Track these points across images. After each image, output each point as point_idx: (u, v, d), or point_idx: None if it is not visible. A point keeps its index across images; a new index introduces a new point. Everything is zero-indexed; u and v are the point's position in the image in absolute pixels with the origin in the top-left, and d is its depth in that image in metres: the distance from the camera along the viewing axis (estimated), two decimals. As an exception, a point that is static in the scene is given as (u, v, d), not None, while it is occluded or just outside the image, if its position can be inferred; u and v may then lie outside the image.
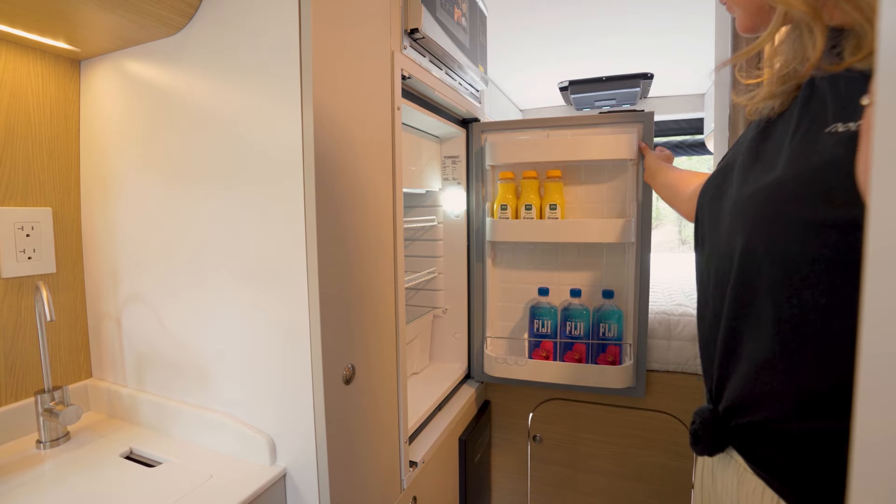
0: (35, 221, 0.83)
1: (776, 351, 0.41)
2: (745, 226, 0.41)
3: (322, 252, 0.68)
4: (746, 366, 0.44)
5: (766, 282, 0.40)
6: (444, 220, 1.41)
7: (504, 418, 1.47)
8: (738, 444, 0.46)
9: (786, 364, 0.40)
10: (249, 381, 0.75)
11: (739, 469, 0.46)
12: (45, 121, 0.84)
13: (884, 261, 0.19)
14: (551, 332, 1.28)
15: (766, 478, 0.43)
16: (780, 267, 0.38)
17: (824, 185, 0.34)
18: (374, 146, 0.81)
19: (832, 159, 0.34)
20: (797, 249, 0.37)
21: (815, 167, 0.36)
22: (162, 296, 0.83)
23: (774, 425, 0.42)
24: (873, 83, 0.24)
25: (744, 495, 0.45)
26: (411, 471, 0.95)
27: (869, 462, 0.20)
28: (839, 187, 0.33)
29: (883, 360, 0.19)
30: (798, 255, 0.37)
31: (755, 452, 0.44)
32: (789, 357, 0.40)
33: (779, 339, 0.40)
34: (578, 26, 1.80)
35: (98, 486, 0.68)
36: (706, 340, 0.50)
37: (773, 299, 0.40)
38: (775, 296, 0.40)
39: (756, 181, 0.42)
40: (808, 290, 0.37)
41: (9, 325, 0.80)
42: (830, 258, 0.35)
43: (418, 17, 0.91)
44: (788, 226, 0.37)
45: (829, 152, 0.35)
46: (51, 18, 0.71)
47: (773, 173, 0.40)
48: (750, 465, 0.45)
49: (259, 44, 0.68)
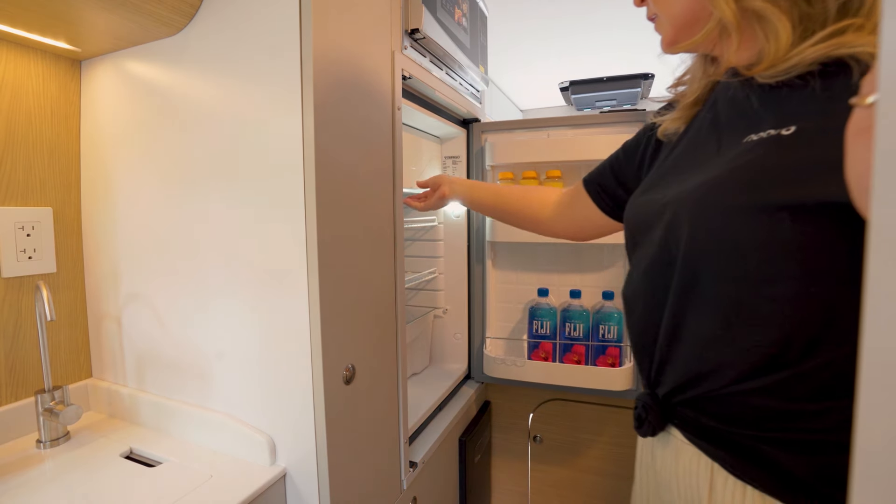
0: (36, 221, 0.83)
1: (718, 326, 0.45)
2: (689, 218, 0.46)
3: (322, 252, 0.68)
4: (689, 346, 0.48)
5: (709, 264, 0.45)
6: (444, 220, 1.41)
7: (504, 419, 1.47)
8: (677, 420, 0.51)
9: (727, 337, 0.45)
10: (250, 380, 0.75)
11: (677, 444, 0.51)
12: (45, 121, 0.84)
13: (885, 262, 0.19)
14: (550, 334, 1.28)
15: (703, 444, 0.48)
16: (719, 246, 0.43)
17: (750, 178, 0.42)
18: (375, 146, 0.81)
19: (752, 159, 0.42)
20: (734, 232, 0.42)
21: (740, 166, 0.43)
22: (162, 295, 0.83)
23: (713, 394, 0.47)
24: (865, 86, 0.24)
25: (681, 466, 0.50)
26: (411, 471, 0.95)
27: (870, 463, 0.20)
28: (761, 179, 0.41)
29: (883, 359, 0.19)
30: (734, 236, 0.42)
31: (694, 424, 0.49)
32: (730, 329, 0.44)
33: (721, 315, 0.45)
34: (579, 26, 1.80)
35: (98, 486, 0.68)
36: (640, 331, 0.55)
37: (714, 279, 0.45)
38: (717, 276, 0.44)
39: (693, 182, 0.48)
40: (744, 266, 0.42)
41: (9, 324, 0.80)
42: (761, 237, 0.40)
43: (419, 18, 0.91)
44: (725, 213, 0.43)
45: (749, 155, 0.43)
46: (52, 18, 0.71)
47: (708, 175, 0.46)
48: (688, 437, 0.50)
49: (260, 43, 0.68)
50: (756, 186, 0.41)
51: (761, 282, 0.42)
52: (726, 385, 0.45)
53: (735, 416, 0.46)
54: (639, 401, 0.56)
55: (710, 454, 0.47)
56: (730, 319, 0.44)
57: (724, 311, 0.45)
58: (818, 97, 0.40)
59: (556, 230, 0.88)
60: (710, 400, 0.48)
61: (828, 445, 0.41)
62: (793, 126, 0.41)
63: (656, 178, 0.57)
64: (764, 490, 0.43)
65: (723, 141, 0.48)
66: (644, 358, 0.55)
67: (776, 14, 0.41)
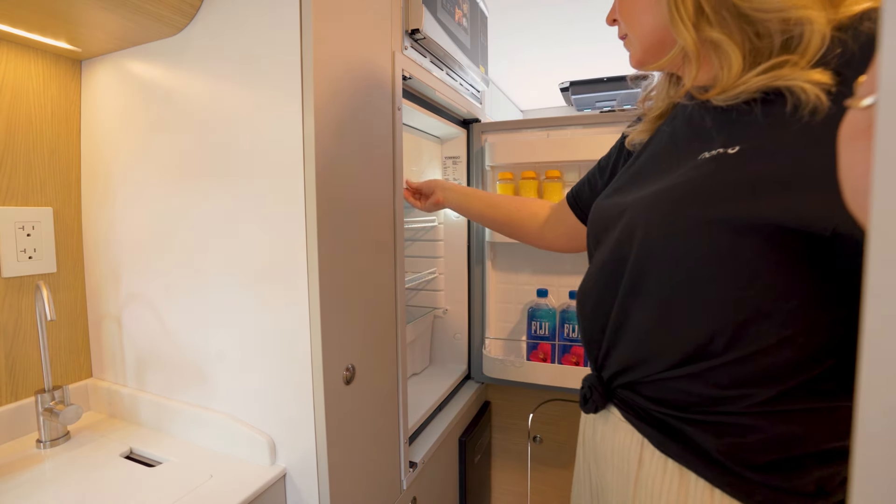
0: (36, 221, 0.83)
1: (657, 319, 0.51)
2: (642, 221, 0.51)
3: (323, 252, 0.68)
4: (631, 336, 0.54)
5: (654, 265, 0.50)
6: (444, 220, 1.41)
7: (504, 419, 1.47)
8: (617, 400, 0.58)
9: (663, 330, 0.50)
10: (250, 381, 0.75)
11: (616, 421, 0.58)
12: (46, 121, 0.84)
13: (885, 264, 0.19)
14: (549, 335, 1.28)
15: (637, 422, 0.54)
16: (666, 247, 0.49)
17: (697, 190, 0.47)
18: (375, 146, 0.81)
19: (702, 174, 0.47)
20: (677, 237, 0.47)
21: (692, 179, 0.48)
22: (162, 295, 0.83)
23: (649, 378, 0.53)
24: (860, 88, 0.24)
25: (617, 441, 0.57)
26: (411, 471, 0.95)
27: (870, 463, 0.20)
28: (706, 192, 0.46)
29: (883, 360, 0.19)
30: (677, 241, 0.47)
31: (631, 405, 0.56)
32: (666, 323, 0.50)
33: (659, 310, 0.51)
34: (580, 26, 1.80)
35: (98, 486, 0.68)
36: (590, 321, 0.61)
37: (658, 276, 0.50)
38: (659, 275, 0.50)
39: (650, 188, 0.53)
40: (683, 269, 0.47)
41: (9, 324, 0.80)
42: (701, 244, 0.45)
43: (419, 18, 0.91)
44: (672, 220, 0.48)
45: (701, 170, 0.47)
46: (52, 18, 0.71)
47: (664, 184, 0.51)
48: (625, 415, 0.56)
49: (260, 44, 0.68)
50: (701, 199, 0.46)
51: (696, 283, 0.47)
52: (660, 371, 0.51)
53: (665, 398, 0.52)
54: (585, 382, 0.63)
55: (642, 431, 0.53)
56: (667, 314, 0.50)
57: (663, 306, 0.50)
58: (759, 121, 0.45)
59: (547, 243, 0.92)
60: (645, 384, 0.54)
61: (740, 427, 0.47)
62: (737, 146, 0.45)
63: (620, 183, 0.63)
64: (683, 464, 0.49)
65: (681, 155, 0.52)
66: (593, 345, 0.61)
67: (731, 45, 0.46)
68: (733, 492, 0.46)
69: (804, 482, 0.45)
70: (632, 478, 0.54)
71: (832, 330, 0.43)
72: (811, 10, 0.41)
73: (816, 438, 0.45)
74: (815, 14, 0.40)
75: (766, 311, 0.43)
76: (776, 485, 0.45)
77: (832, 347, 0.43)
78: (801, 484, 0.45)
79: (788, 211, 0.40)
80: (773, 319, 0.43)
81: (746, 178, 0.43)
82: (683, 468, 0.49)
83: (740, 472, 0.46)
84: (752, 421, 0.46)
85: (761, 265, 0.43)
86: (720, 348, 0.46)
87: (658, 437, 0.52)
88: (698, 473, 0.48)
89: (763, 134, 0.44)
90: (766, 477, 0.46)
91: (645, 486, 0.53)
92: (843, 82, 0.39)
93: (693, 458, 0.49)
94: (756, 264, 0.43)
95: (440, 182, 1.03)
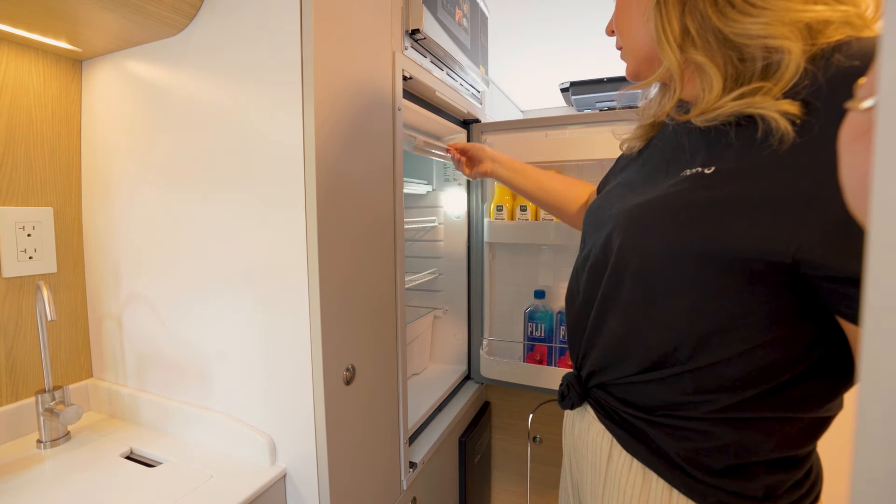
0: (36, 221, 0.83)
1: (628, 325, 0.54)
2: (623, 229, 0.53)
3: (323, 252, 0.68)
4: (606, 339, 0.57)
5: (630, 271, 0.52)
6: (444, 220, 1.41)
7: (504, 419, 1.47)
8: (591, 399, 0.61)
9: (634, 335, 0.53)
10: (250, 381, 0.75)
11: (590, 419, 0.61)
12: (46, 121, 0.84)
13: (885, 266, 0.19)
14: (546, 336, 1.27)
15: (607, 422, 0.58)
16: (639, 260, 0.51)
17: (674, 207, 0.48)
18: (376, 146, 0.81)
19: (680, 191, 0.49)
20: (651, 249, 0.50)
21: (670, 195, 0.50)
22: (163, 296, 0.83)
23: (619, 381, 0.56)
24: (860, 90, 0.24)
25: (591, 437, 0.60)
26: (411, 471, 0.95)
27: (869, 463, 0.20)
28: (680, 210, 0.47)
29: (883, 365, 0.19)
30: (650, 253, 0.50)
31: (602, 405, 0.59)
32: (636, 329, 0.53)
33: (631, 316, 0.53)
34: (580, 27, 1.80)
35: (98, 486, 0.68)
36: (574, 321, 0.64)
37: (631, 285, 0.52)
38: (633, 282, 0.52)
39: (634, 200, 0.55)
40: (654, 279, 0.50)
41: (10, 324, 0.80)
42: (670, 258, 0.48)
43: (419, 18, 0.92)
44: (649, 232, 0.50)
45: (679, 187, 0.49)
46: (52, 18, 0.71)
47: (647, 196, 0.53)
48: (598, 415, 0.60)
49: (261, 44, 0.68)
50: (674, 215, 0.48)
51: (663, 298, 0.50)
52: (629, 375, 0.55)
53: (634, 402, 0.55)
54: (564, 379, 0.66)
55: (611, 431, 0.57)
56: (636, 323, 0.53)
57: (635, 313, 0.53)
58: (733, 145, 0.46)
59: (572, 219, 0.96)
60: (616, 385, 0.57)
61: (700, 433, 0.50)
62: (713, 167, 0.47)
63: (611, 187, 0.66)
64: (646, 465, 0.53)
65: (668, 169, 0.55)
66: (574, 344, 0.64)
67: (713, 69, 0.47)
68: (689, 493, 0.50)
69: (754, 487, 0.49)
70: (602, 473, 0.58)
71: (791, 346, 0.45)
72: (790, 40, 0.42)
73: (769, 447, 0.48)
74: (793, 45, 0.42)
75: (728, 326, 0.46)
76: (730, 489, 0.49)
77: (790, 361, 0.45)
78: (751, 489, 0.49)
79: (752, 233, 0.42)
80: (734, 334, 0.46)
81: (718, 198, 0.45)
82: (646, 468, 0.53)
83: (697, 476, 0.50)
84: (712, 427, 0.49)
85: (724, 288, 0.45)
86: (684, 357, 0.49)
87: (625, 437, 0.55)
88: (659, 474, 0.52)
89: (737, 156, 0.46)
90: (721, 481, 0.49)
91: (612, 481, 0.57)
92: (810, 112, 0.40)
93: (655, 459, 0.52)
94: (719, 287, 0.45)
95: (488, 151, 1.02)
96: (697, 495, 0.50)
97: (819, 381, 0.46)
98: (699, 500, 0.49)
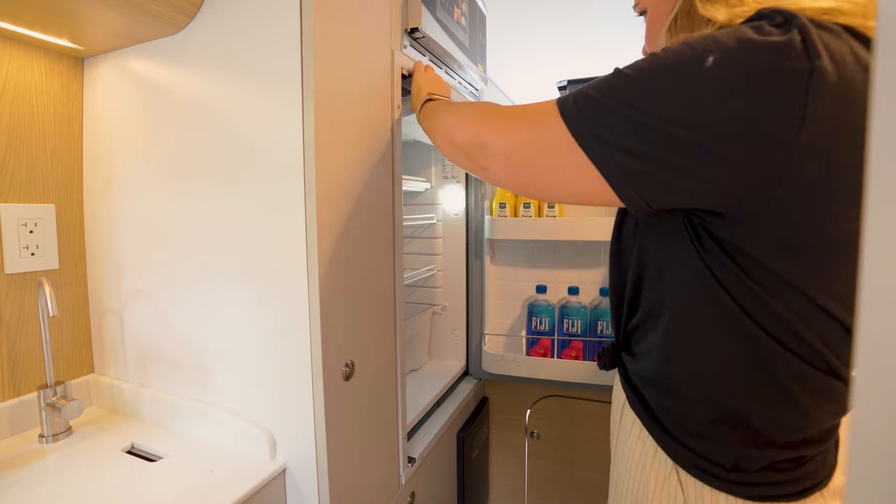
0: (38, 218, 0.84)
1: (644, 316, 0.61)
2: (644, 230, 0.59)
3: (322, 249, 0.68)
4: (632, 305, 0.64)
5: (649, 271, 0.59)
6: (443, 218, 1.42)
7: (502, 415, 1.48)
8: (621, 368, 0.68)
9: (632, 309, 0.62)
10: (250, 376, 0.76)
11: (618, 380, 0.69)
12: (48, 118, 0.85)
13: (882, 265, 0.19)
14: (549, 330, 1.29)
15: (623, 383, 0.65)
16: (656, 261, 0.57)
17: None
18: (375, 145, 0.81)
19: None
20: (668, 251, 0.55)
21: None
22: (164, 292, 0.84)
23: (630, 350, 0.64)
24: None
25: (615, 395, 0.69)
26: (409, 467, 0.96)
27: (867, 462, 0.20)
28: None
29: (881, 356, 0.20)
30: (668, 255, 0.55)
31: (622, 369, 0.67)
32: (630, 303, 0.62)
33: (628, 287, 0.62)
34: (579, 25, 1.80)
35: (100, 480, 0.69)
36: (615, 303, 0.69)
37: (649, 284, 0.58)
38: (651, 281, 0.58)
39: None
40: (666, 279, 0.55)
41: (12, 320, 0.81)
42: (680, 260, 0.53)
43: (418, 17, 0.92)
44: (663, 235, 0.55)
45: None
46: (54, 16, 0.71)
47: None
48: (620, 377, 0.67)
49: (261, 42, 0.69)
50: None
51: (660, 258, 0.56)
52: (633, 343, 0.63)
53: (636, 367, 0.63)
54: (602, 347, 0.74)
55: (623, 388, 0.65)
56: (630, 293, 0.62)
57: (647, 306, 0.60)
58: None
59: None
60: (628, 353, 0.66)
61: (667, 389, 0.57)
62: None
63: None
64: (642, 422, 0.60)
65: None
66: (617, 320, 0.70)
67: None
68: (666, 449, 0.56)
69: (725, 456, 0.52)
70: (617, 423, 0.67)
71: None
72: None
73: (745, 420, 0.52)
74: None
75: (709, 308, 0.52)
76: (701, 452, 0.54)
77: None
78: (722, 456, 0.53)
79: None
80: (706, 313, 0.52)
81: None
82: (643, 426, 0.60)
83: (674, 435, 0.56)
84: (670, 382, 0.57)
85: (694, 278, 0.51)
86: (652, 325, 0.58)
87: (630, 395, 0.63)
88: (647, 429, 0.59)
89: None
90: (695, 442, 0.54)
91: (621, 432, 0.65)
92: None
93: (647, 418, 0.59)
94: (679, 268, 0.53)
95: None
96: (672, 452, 0.56)
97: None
98: (673, 456, 0.56)
